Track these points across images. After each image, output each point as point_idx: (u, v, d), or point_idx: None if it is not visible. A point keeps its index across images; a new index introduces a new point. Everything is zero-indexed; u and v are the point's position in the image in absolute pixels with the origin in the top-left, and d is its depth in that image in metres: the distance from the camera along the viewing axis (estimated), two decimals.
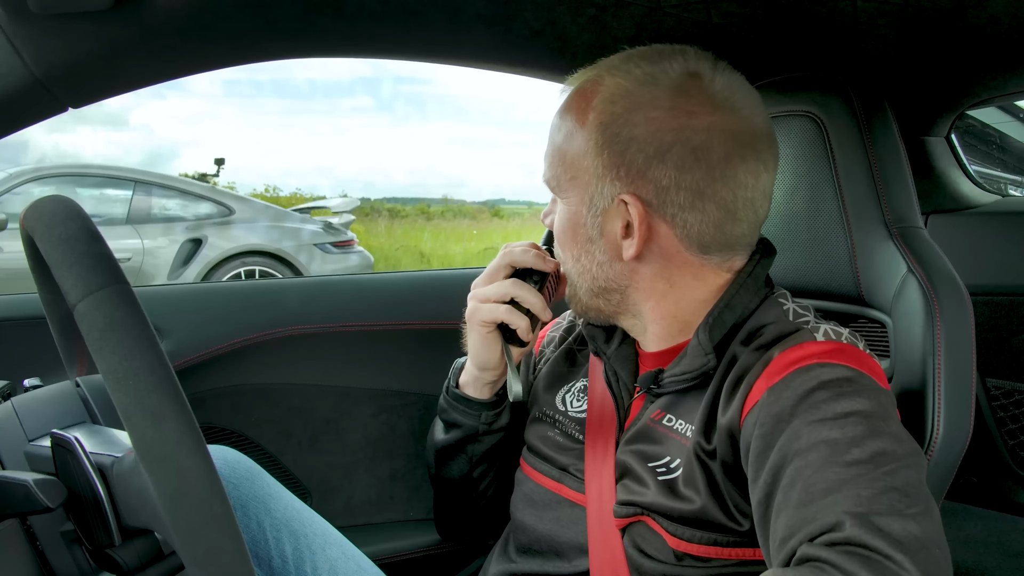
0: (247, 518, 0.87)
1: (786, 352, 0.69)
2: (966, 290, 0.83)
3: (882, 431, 0.62)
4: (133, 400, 0.46)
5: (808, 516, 0.57)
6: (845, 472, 0.58)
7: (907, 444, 0.63)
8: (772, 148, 0.77)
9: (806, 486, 0.59)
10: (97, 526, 0.59)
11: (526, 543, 0.86)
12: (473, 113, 44.02)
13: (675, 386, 0.76)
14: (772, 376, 0.68)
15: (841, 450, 0.60)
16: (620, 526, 0.77)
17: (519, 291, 0.85)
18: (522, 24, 0.92)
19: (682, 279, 0.77)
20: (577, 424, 0.87)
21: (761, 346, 0.73)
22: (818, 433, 0.62)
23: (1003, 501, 1.61)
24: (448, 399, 0.95)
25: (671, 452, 0.75)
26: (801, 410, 0.64)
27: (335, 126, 36.23)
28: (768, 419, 0.65)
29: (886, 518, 0.55)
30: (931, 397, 0.79)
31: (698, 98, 0.73)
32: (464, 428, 0.94)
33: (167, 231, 5.60)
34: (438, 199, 16.42)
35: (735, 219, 0.75)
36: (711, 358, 0.73)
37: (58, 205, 0.52)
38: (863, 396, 0.64)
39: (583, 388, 0.91)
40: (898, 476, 0.58)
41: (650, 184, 0.73)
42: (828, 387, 0.65)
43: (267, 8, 0.79)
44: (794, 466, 0.61)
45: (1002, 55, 1.02)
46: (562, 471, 0.85)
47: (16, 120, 0.77)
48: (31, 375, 0.76)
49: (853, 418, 0.62)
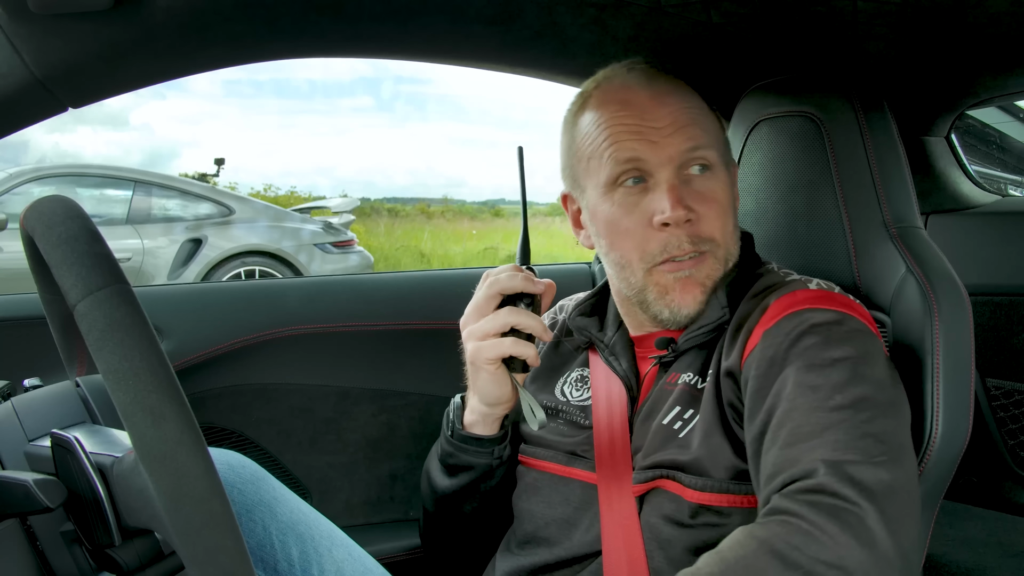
0: (252, 523, 0.86)
1: (780, 299, 0.76)
2: (965, 290, 0.83)
3: (865, 377, 0.68)
4: (133, 400, 0.46)
5: (791, 457, 0.64)
6: (827, 417, 0.64)
7: (888, 391, 0.68)
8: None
9: (793, 428, 0.65)
10: (97, 526, 0.59)
11: (532, 531, 0.86)
12: (473, 113, 44.06)
13: (693, 343, 0.81)
14: (767, 321, 0.74)
15: (825, 395, 0.66)
16: (638, 493, 0.78)
17: (518, 319, 0.83)
18: (522, 24, 0.92)
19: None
20: (581, 411, 0.89)
21: (757, 294, 0.80)
22: (806, 379, 0.68)
23: (1003, 501, 1.61)
24: (455, 443, 0.91)
25: (683, 403, 0.79)
26: (793, 355, 0.70)
27: (335, 126, 36.27)
28: (763, 362, 0.72)
29: (858, 466, 0.61)
30: (930, 397, 0.79)
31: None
32: (477, 469, 0.91)
33: (167, 231, 5.60)
34: (438, 199, 16.42)
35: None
36: (726, 311, 0.80)
37: (58, 205, 0.52)
38: (849, 341, 0.70)
39: (580, 377, 0.92)
40: (875, 423, 0.64)
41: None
42: (817, 331, 0.71)
43: (267, 8, 0.79)
44: (783, 409, 0.67)
45: (1002, 55, 1.02)
46: (570, 455, 0.87)
47: (16, 120, 0.77)
48: (31, 375, 0.76)
49: (839, 365, 0.68)
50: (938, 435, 0.78)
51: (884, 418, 0.65)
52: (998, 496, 1.61)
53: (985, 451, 1.60)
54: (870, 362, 0.69)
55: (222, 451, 0.91)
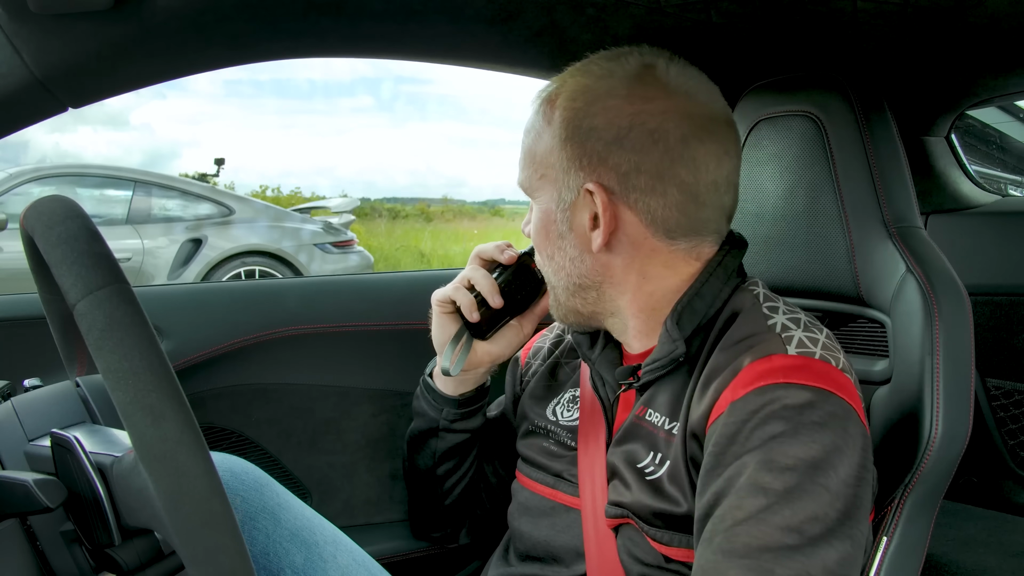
0: (255, 530, 0.86)
1: (753, 364, 0.69)
2: (965, 290, 0.83)
3: (820, 488, 0.63)
4: (133, 399, 0.46)
5: (719, 569, 0.61)
6: (769, 536, 0.61)
7: (841, 502, 0.63)
8: (732, 133, 0.78)
9: (731, 534, 0.62)
10: (97, 526, 0.59)
11: (524, 550, 0.87)
12: (473, 113, 44.04)
13: (650, 376, 0.77)
14: (737, 389, 0.68)
15: (775, 505, 0.62)
16: (612, 526, 0.78)
17: (472, 273, 0.92)
18: (522, 24, 0.92)
19: (653, 269, 0.78)
20: (569, 432, 0.88)
21: (731, 344, 0.73)
22: (761, 478, 0.63)
23: (1003, 501, 1.61)
24: (421, 386, 1.00)
25: (654, 447, 0.76)
26: (755, 440, 0.65)
27: (336, 126, 36.22)
28: (723, 438, 0.67)
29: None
30: (930, 397, 0.79)
31: (653, 86, 0.75)
32: (426, 419, 0.98)
33: (167, 231, 5.60)
34: (438, 199, 16.41)
35: (698, 202, 0.76)
36: (679, 344, 0.74)
37: (58, 205, 0.52)
38: (818, 432, 0.64)
39: (572, 398, 0.91)
40: (815, 556, 0.60)
41: (611, 171, 0.75)
42: (785, 418, 0.65)
43: (267, 8, 0.79)
44: (730, 503, 0.64)
45: (1002, 55, 1.02)
46: (556, 477, 0.86)
47: (16, 120, 0.76)
48: (31, 375, 0.76)
49: (799, 469, 0.63)
50: (938, 435, 0.78)
51: (828, 548, 0.61)
52: (998, 496, 1.61)
53: (985, 451, 1.60)
54: (835, 463, 0.64)
55: (225, 456, 0.91)
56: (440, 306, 0.93)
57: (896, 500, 0.80)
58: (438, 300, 0.93)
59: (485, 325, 0.91)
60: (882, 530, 0.79)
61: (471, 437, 0.98)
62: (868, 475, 0.67)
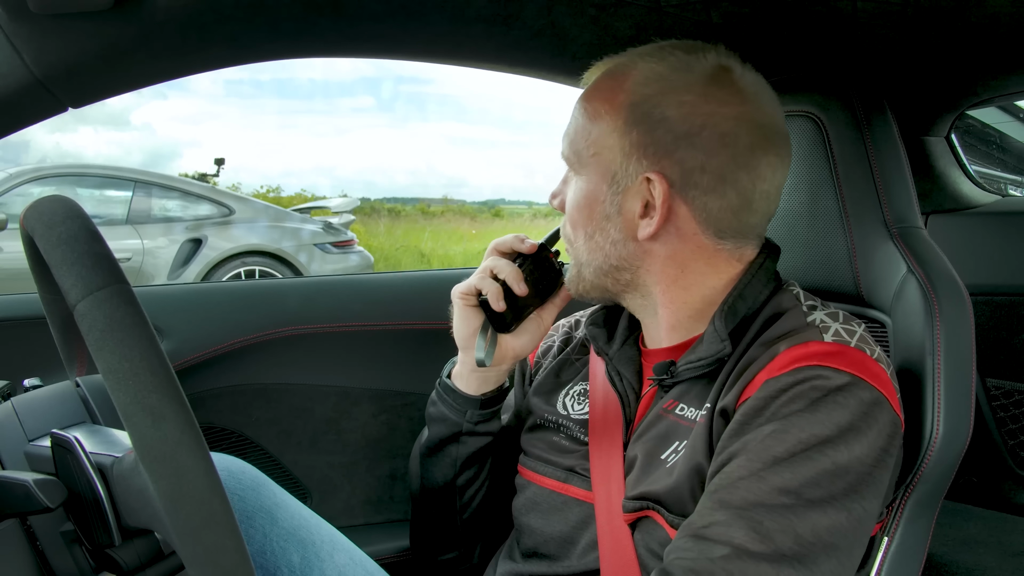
0: (253, 529, 0.86)
1: (791, 349, 0.71)
2: (966, 290, 0.83)
3: (828, 459, 0.64)
4: (133, 400, 0.46)
5: (713, 519, 0.64)
6: (765, 495, 0.63)
7: (851, 476, 0.65)
8: (788, 146, 0.80)
9: (731, 488, 0.65)
10: (97, 526, 0.59)
11: (533, 546, 0.86)
12: (473, 113, 43.96)
13: (689, 373, 0.77)
14: (773, 370, 0.70)
15: (777, 470, 0.64)
16: (629, 521, 0.77)
17: (495, 263, 0.88)
18: (522, 24, 0.92)
19: (695, 264, 0.78)
20: (580, 426, 0.87)
21: (771, 340, 0.74)
22: (773, 444, 0.65)
23: (1003, 501, 1.61)
24: (439, 389, 0.95)
25: (680, 438, 0.76)
26: (777, 415, 0.67)
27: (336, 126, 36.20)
28: (751, 410, 0.69)
29: (763, 564, 0.61)
30: (931, 397, 0.79)
31: (729, 89, 0.76)
32: (447, 424, 0.93)
33: (167, 231, 5.60)
34: (438, 199, 16.40)
35: (751, 208, 0.77)
36: (726, 344, 0.74)
37: (58, 205, 0.52)
38: (838, 412, 0.66)
39: (582, 391, 0.91)
40: (807, 518, 0.62)
41: (676, 165, 0.75)
42: (811, 398, 0.67)
43: (267, 8, 0.79)
44: (738, 462, 0.66)
45: (1002, 55, 1.02)
46: (568, 471, 0.86)
47: (16, 120, 0.76)
48: (31, 375, 0.76)
49: (809, 444, 0.65)
50: (939, 436, 0.78)
51: (820, 513, 0.63)
52: (998, 496, 1.61)
53: (985, 451, 1.60)
54: (851, 441, 0.66)
55: (223, 456, 0.91)
56: (463, 299, 0.89)
57: (897, 500, 0.80)
58: (461, 292, 0.89)
59: (510, 316, 0.89)
60: (883, 530, 0.79)
61: (491, 442, 0.95)
62: (890, 460, 0.68)
